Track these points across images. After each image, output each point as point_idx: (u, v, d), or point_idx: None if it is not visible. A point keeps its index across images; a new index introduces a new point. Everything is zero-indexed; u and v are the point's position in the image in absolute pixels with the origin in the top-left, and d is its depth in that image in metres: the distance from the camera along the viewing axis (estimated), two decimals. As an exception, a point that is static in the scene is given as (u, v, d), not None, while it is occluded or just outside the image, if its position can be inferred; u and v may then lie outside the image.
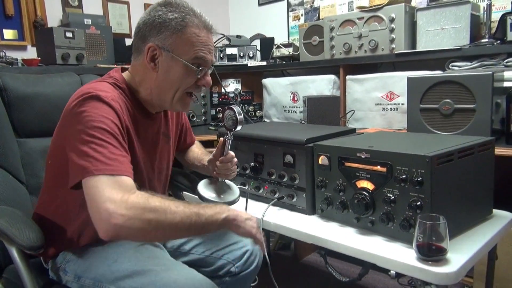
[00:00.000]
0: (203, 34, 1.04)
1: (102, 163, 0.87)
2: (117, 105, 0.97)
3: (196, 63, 1.04)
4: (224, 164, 1.24)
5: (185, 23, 1.01)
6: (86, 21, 2.53)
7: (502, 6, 2.11)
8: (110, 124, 0.93)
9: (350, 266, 2.33)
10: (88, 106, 0.93)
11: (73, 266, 1.07)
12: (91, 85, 1.01)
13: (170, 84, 1.05)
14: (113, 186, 0.85)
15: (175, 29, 1.01)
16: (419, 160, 0.97)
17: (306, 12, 3.07)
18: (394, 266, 0.97)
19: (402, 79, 2.01)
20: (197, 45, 1.03)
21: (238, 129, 1.19)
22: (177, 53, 1.02)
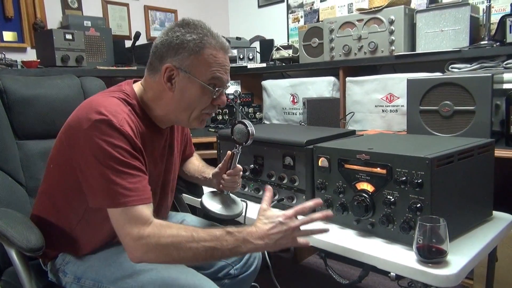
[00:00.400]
0: (220, 55, 1.04)
1: (120, 195, 0.91)
2: (128, 129, 0.97)
3: (213, 83, 1.04)
4: (231, 178, 1.23)
5: (203, 44, 1.02)
6: (86, 23, 2.53)
7: (501, 8, 2.11)
8: (122, 152, 0.93)
9: (350, 268, 2.33)
10: (98, 132, 0.92)
11: (72, 267, 1.06)
12: (101, 102, 0.99)
13: (186, 104, 1.05)
14: (129, 221, 0.91)
15: (193, 51, 1.01)
16: (419, 162, 0.96)
17: (306, 14, 3.08)
18: (394, 268, 0.97)
19: (401, 81, 2.01)
20: (214, 66, 1.03)
21: (249, 143, 1.18)
22: (194, 73, 1.02)
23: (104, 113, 0.94)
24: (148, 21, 3.13)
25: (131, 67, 2.57)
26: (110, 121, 0.93)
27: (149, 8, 3.12)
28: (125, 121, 0.97)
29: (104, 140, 0.92)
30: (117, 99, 1.03)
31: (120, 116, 0.97)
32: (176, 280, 0.97)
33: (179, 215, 1.39)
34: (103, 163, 0.91)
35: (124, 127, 0.95)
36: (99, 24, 2.60)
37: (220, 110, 2.84)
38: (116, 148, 0.92)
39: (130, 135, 0.96)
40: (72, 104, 1.46)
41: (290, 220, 0.97)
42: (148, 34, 3.14)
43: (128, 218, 0.91)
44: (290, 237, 0.97)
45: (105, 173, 0.91)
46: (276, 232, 0.96)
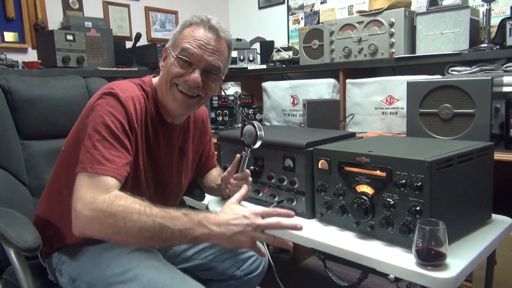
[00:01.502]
0: (199, 31, 1.06)
1: (95, 161, 0.93)
2: (131, 105, 1.01)
3: (183, 55, 1.05)
4: (238, 182, 1.18)
5: (188, 23, 1.08)
6: (87, 24, 2.54)
7: (501, 11, 2.12)
8: (117, 124, 0.97)
9: (349, 270, 2.33)
10: (103, 102, 0.99)
11: (67, 268, 1.06)
12: (116, 82, 1.07)
13: (164, 76, 1.09)
14: (89, 185, 0.91)
15: (180, 28, 1.08)
16: (419, 165, 0.97)
17: (306, 15, 3.08)
18: (393, 271, 0.97)
19: (401, 83, 2.01)
20: (187, 38, 1.05)
21: (257, 146, 1.16)
22: (172, 48, 1.08)
23: (114, 87, 1.01)
24: (149, 22, 3.14)
25: (131, 68, 2.57)
26: (116, 94, 0.99)
27: (149, 9, 3.13)
28: (131, 98, 1.02)
29: (105, 109, 0.97)
30: (133, 83, 1.09)
31: (128, 93, 1.02)
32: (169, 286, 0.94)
33: None
34: (96, 129, 0.96)
35: (128, 102, 1.00)
36: (100, 25, 2.60)
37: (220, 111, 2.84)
38: (112, 118, 0.97)
39: (131, 112, 1.00)
40: (77, 105, 1.47)
41: (255, 217, 0.92)
42: (149, 35, 3.14)
43: (89, 183, 0.91)
44: (250, 235, 0.91)
45: (93, 138, 0.95)
46: (236, 223, 0.90)
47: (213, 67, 1.08)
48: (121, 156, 0.97)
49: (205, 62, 1.06)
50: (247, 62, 2.88)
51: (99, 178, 0.92)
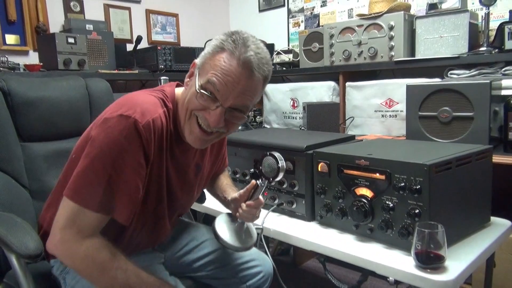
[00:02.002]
0: (231, 63, 0.89)
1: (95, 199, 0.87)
2: (151, 133, 0.91)
3: (207, 88, 0.91)
4: (251, 209, 1.11)
5: (222, 46, 0.91)
6: (88, 26, 2.55)
7: (500, 15, 2.13)
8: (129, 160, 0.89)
9: (349, 272, 2.33)
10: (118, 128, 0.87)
11: (71, 280, 1.04)
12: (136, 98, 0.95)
13: (185, 104, 0.97)
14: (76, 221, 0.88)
15: (212, 49, 0.93)
16: (418, 168, 0.98)
17: (306, 19, 3.09)
18: (392, 274, 0.97)
19: (401, 86, 2.02)
20: (215, 69, 0.90)
21: (278, 179, 1.08)
22: (199, 72, 0.94)
23: (132, 109, 0.89)
24: (150, 25, 3.15)
25: (132, 70, 2.58)
26: (134, 121, 0.88)
27: (150, 12, 3.14)
28: (151, 123, 0.91)
29: (118, 138, 0.87)
30: (155, 98, 0.98)
31: (148, 116, 0.91)
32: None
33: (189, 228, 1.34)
34: (103, 163, 0.87)
35: (146, 130, 0.89)
36: (101, 27, 2.61)
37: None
38: (124, 154, 0.87)
39: (148, 141, 0.90)
40: (77, 106, 1.48)
41: None
42: (150, 38, 3.15)
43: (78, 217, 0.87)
44: None
45: (99, 171, 0.87)
46: None
47: (240, 106, 0.94)
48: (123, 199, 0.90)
49: (231, 102, 0.92)
50: (247, 65, 2.89)
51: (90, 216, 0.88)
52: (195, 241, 1.28)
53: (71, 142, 1.41)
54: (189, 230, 1.33)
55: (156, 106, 0.96)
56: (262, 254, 1.29)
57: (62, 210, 0.90)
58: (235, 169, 1.52)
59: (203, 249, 1.27)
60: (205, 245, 1.27)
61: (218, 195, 1.30)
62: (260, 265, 1.26)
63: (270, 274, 1.28)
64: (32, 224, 1.17)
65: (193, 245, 1.27)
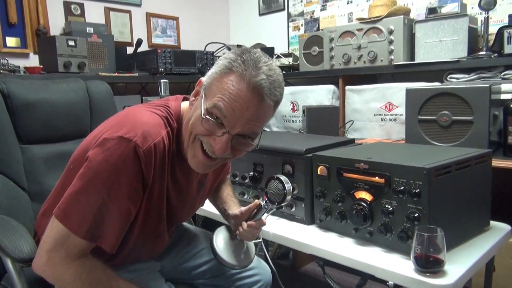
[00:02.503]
0: (240, 87, 0.83)
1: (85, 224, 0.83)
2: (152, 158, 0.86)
3: (213, 113, 0.85)
4: (251, 230, 1.07)
5: (231, 66, 0.85)
6: (88, 29, 2.56)
7: (499, 20, 2.14)
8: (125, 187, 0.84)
9: (348, 276, 2.33)
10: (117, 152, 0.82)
11: None
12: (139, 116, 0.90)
13: (189, 127, 0.91)
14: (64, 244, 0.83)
15: (220, 70, 0.87)
16: (417, 172, 0.98)
17: (306, 22, 3.10)
18: (392, 278, 0.97)
19: (400, 90, 2.03)
20: (223, 92, 0.84)
21: (285, 202, 1.04)
22: (206, 93, 0.88)
23: (134, 131, 0.84)
24: (150, 28, 3.16)
25: (132, 73, 2.59)
26: (135, 145, 0.83)
27: (151, 15, 3.15)
28: (152, 148, 0.85)
29: (115, 162, 0.82)
30: (159, 117, 0.92)
31: (150, 140, 0.85)
32: None
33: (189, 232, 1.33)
34: (97, 186, 0.82)
35: (146, 155, 0.84)
36: (101, 30, 2.62)
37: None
38: (121, 178, 0.83)
39: (148, 167, 0.86)
40: (77, 108, 1.47)
41: None
42: (150, 41, 3.16)
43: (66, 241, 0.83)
44: None
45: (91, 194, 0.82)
46: None
47: (248, 133, 0.89)
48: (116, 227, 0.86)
49: (239, 129, 0.86)
50: (247, 68, 2.90)
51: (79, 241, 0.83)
52: (193, 249, 1.27)
53: (71, 144, 1.41)
54: (187, 236, 1.31)
55: (160, 127, 0.90)
56: (261, 262, 1.29)
57: (51, 231, 0.85)
58: (234, 172, 1.52)
59: (201, 256, 1.25)
60: (203, 252, 1.26)
61: (219, 206, 1.26)
62: (259, 274, 1.25)
63: (269, 282, 1.27)
64: (31, 227, 1.17)
65: (191, 252, 1.26)
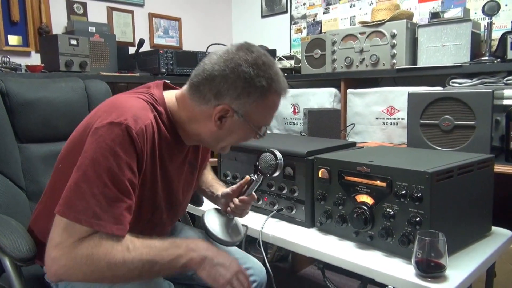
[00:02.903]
0: (278, 102, 0.98)
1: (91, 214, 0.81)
2: (144, 139, 0.88)
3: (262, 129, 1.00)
4: (243, 205, 1.14)
5: (270, 91, 0.93)
6: (91, 29, 2.55)
7: (502, 25, 2.13)
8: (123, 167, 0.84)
9: (348, 280, 2.32)
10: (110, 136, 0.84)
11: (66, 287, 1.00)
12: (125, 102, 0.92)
13: (229, 140, 1.00)
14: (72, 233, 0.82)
15: (258, 98, 0.92)
16: (419, 176, 0.97)
17: (309, 25, 3.10)
18: (392, 282, 0.96)
19: (402, 94, 2.02)
20: (271, 114, 0.99)
21: (275, 175, 1.12)
22: (249, 118, 0.95)
23: (123, 115, 0.86)
24: (152, 28, 3.16)
25: (134, 73, 2.58)
26: (126, 126, 0.84)
27: (153, 16, 3.15)
28: (143, 130, 0.88)
29: (111, 145, 0.83)
30: (145, 102, 0.94)
31: (141, 123, 0.88)
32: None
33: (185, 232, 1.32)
34: (96, 172, 0.82)
35: (139, 136, 0.86)
36: (103, 30, 2.62)
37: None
38: (118, 161, 0.83)
39: (141, 149, 0.87)
40: (76, 108, 1.47)
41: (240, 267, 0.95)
42: (152, 41, 3.16)
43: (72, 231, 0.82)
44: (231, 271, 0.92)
45: (91, 181, 0.82)
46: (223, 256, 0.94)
47: None
48: (122, 206, 0.85)
49: None
50: (249, 70, 2.90)
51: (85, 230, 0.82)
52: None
53: (69, 143, 1.41)
54: (184, 235, 1.31)
55: (147, 111, 0.92)
56: (257, 262, 1.28)
57: (55, 228, 0.84)
58: (235, 174, 1.51)
59: None
60: None
61: (205, 190, 1.30)
62: (254, 274, 1.24)
63: (264, 282, 1.26)
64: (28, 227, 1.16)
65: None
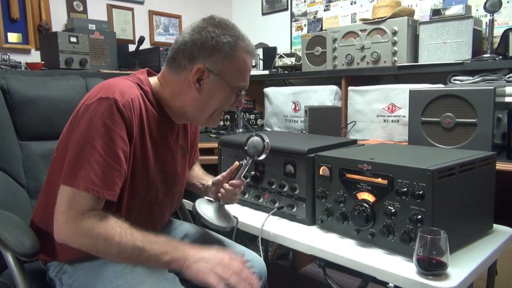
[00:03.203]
0: (249, 60, 1.06)
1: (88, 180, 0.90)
2: (132, 110, 0.96)
3: (240, 87, 1.07)
4: (233, 189, 1.19)
5: (236, 48, 1.02)
6: (91, 26, 2.55)
7: (504, 22, 2.12)
8: (114, 137, 0.92)
9: (349, 278, 2.32)
10: (99, 110, 0.92)
11: (68, 280, 1.03)
12: (112, 82, 1.00)
13: (211, 105, 1.06)
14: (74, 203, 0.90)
15: (227, 54, 1.01)
16: (421, 173, 0.96)
17: (309, 22, 3.09)
18: (394, 280, 0.96)
19: (403, 92, 2.01)
20: (244, 72, 1.06)
21: (261, 158, 1.15)
22: (225, 77, 1.03)
23: (112, 91, 0.94)
24: (152, 25, 3.15)
25: (134, 71, 2.58)
26: (114, 100, 0.93)
27: (153, 13, 3.14)
28: (130, 102, 0.95)
29: (101, 118, 0.91)
30: (131, 82, 1.03)
31: (127, 96, 0.96)
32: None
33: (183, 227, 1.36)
34: (90, 142, 0.90)
35: (126, 108, 0.94)
36: (103, 27, 2.61)
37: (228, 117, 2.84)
38: (109, 132, 0.91)
39: (130, 120, 0.95)
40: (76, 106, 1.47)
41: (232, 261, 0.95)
42: (152, 38, 3.15)
43: (75, 200, 0.90)
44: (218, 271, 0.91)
45: (86, 151, 0.90)
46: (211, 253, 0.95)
47: None
48: (114, 174, 0.93)
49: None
50: (250, 68, 2.89)
51: (86, 197, 0.90)
52: (187, 239, 1.30)
53: (70, 141, 1.41)
54: (182, 228, 1.35)
55: (133, 88, 1.00)
56: (255, 255, 1.29)
57: (60, 197, 0.92)
58: (235, 172, 1.51)
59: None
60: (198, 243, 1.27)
61: (195, 184, 1.34)
62: (253, 267, 1.25)
63: (264, 274, 1.28)
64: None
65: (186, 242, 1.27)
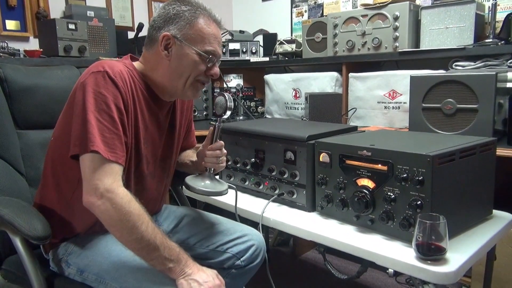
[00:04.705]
0: (213, 27, 1.12)
1: (106, 146, 0.95)
2: (121, 82, 1.02)
3: (207, 52, 1.11)
4: (213, 152, 1.23)
5: (197, 14, 1.10)
6: (89, 13, 2.52)
7: (507, 6, 2.09)
8: (110, 104, 0.98)
9: (349, 263, 2.34)
10: (93, 82, 0.99)
11: (75, 259, 1.07)
12: (103, 61, 1.06)
13: (182, 71, 1.11)
14: (103, 170, 0.95)
15: (188, 20, 1.09)
16: (421, 159, 0.96)
17: (310, 8, 3.06)
18: (393, 265, 0.97)
19: (405, 78, 2.00)
20: (208, 37, 1.11)
21: (226, 116, 1.22)
22: (189, 42, 1.09)
23: (101, 66, 1.02)
24: (152, 12, 3.12)
25: (133, 58, 2.56)
26: (106, 72, 1.00)
27: (152, 0, 3.11)
28: (120, 74, 1.03)
29: (96, 89, 0.98)
30: (118, 62, 1.10)
31: (116, 69, 1.03)
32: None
33: (180, 210, 1.40)
34: (89, 110, 0.96)
35: (117, 78, 1.01)
36: (102, 14, 2.58)
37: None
38: (105, 98, 0.98)
39: (122, 88, 1.01)
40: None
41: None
42: (151, 25, 3.12)
43: (100, 166, 0.94)
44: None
45: (88, 119, 0.95)
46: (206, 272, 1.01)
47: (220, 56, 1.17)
48: (120, 139, 0.99)
49: (219, 55, 1.15)
50: (250, 55, 2.87)
51: (108, 164, 0.95)
52: (185, 219, 1.34)
53: (67, 130, 1.42)
54: (177, 210, 1.39)
55: (120, 64, 1.08)
56: (253, 230, 1.32)
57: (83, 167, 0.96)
58: (235, 159, 1.51)
59: (194, 226, 1.32)
60: (195, 222, 1.34)
61: (187, 163, 1.37)
62: (252, 239, 1.29)
63: (263, 246, 1.31)
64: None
65: (184, 223, 1.33)
